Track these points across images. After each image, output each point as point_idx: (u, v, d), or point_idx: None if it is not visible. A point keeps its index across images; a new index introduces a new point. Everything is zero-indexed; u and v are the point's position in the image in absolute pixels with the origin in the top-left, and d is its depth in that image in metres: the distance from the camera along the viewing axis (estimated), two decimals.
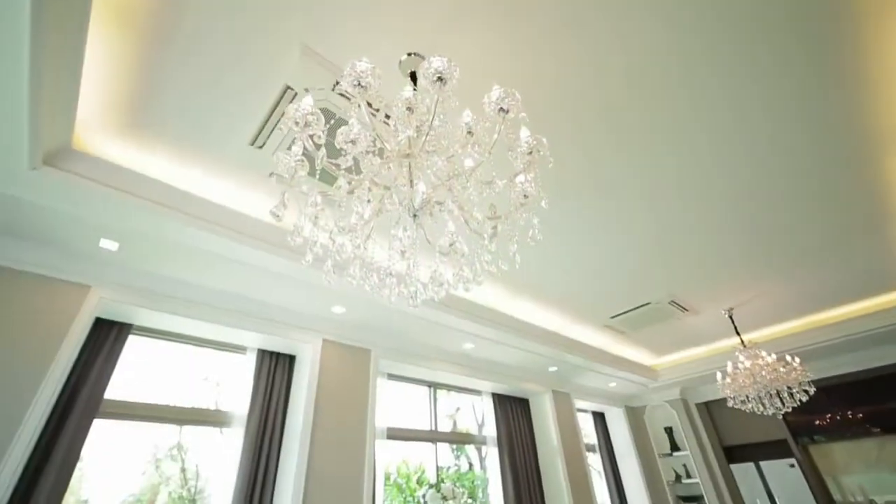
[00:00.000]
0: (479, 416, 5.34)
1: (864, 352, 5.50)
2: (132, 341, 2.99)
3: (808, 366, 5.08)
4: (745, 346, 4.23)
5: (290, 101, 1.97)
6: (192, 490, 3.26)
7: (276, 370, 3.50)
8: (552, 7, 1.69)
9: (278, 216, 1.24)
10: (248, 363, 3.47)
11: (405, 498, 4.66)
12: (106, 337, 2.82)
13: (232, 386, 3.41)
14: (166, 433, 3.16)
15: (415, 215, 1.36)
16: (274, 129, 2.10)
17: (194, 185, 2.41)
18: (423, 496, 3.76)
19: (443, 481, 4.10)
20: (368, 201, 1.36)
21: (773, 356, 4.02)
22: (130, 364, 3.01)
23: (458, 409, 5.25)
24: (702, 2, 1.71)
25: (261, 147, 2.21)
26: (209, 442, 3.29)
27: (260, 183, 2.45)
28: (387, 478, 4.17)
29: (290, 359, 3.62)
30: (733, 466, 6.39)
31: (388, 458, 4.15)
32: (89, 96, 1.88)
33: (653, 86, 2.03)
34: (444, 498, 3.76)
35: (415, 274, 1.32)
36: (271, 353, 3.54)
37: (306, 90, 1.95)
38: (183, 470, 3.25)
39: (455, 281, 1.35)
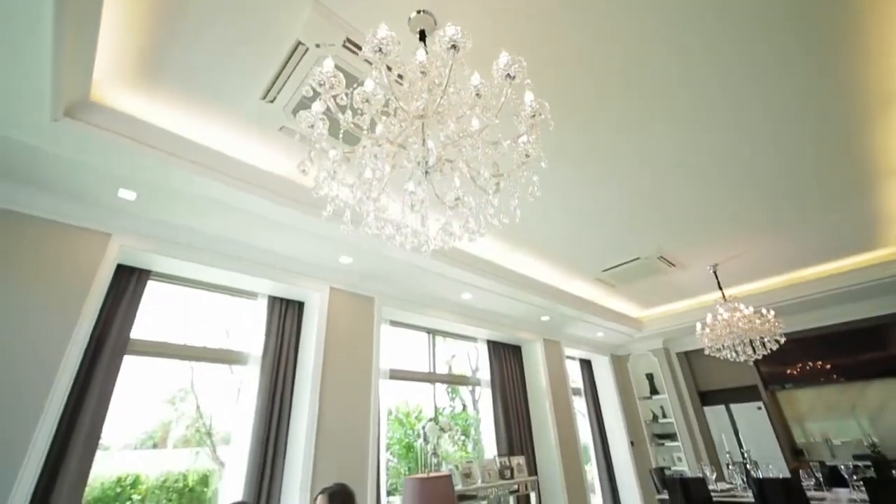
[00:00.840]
0: (472, 362, 5.72)
1: (835, 308, 5.86)
2: (151, 286, 3.18)
3: (784, 319, 5.43)
4: (725, 300, 4.52)
5: (302, 57, 2.02)
6: (207, 425, 3.58)
7: (286, 315, 3.74)
8: None
9: (305, 171, 1.37)
10: (260, 308, 3.70)
11: (405, 431, 5.13)
12: (128, 282, 3.01)
13: (245, 329, 3.65)
14: (182, 373, 3.43)
15: (426, 172, 1.50)
16: (285, 83, 2.16)
17: (207, 138, 2.49)
18: (423, 427, 4.16)
19: (441, 415, 4.51)
20: (380, 157, 1.48)
21: (751, 309, 4.32)
22: (151, 308, 3.22)
23: (453, 355, 5.61)
24: None
25: (272, 101, 2.27)
26: (222, 380, 3.59)
27: (270, 136, 2.53)
28: (389, 414, 4.58)
29: (300, 305, 3.86)
30: (706, 408, 6.96)
31: (391, 397, 4.53)
32: (105, 50, 1.93)
33: (648, 50, 2.09)
34: (442, 430, 4.17)
35: (426, 226, 1.48)
36: (281, 300, 3.76)
37: (317, 45, 2.02)
38: (198, 407, 3.56)
39: (462, 232, 1.51)
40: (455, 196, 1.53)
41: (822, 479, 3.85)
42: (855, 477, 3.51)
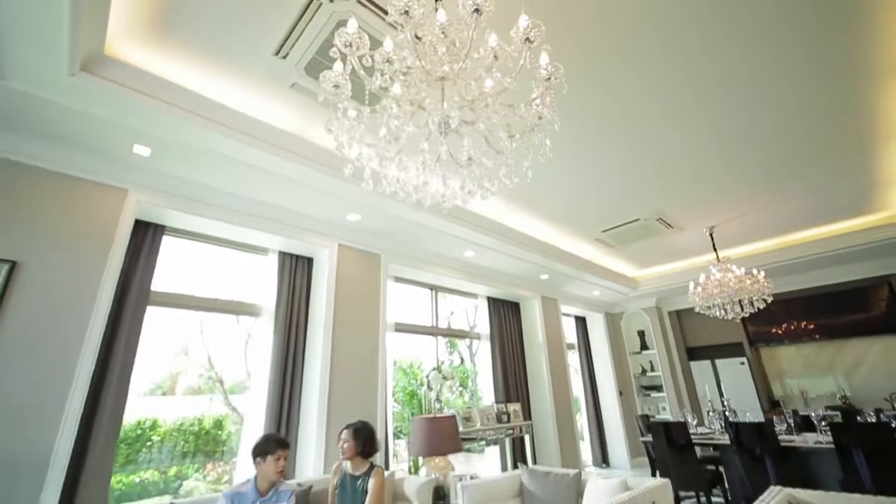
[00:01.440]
0: (470, 319, 5.98)
1: (823, 270, 6.07)
2: (166, 241, 3.29)
3: (773, 281, 5.64)
4: (719, 261, 4.68)
5: (315, 13, 2.02)
6: (218, 374, 3.79)
7: (296, 271, 3.89)
8: None
9: (330, 130, 1.44)
10: (271, 264, 3.83)
11: (409, 380, 5.46)
12: (144, 236, 3.11)
13: (258, 284, 3.80)
14: (191, 325, 3.58)
15: (444, 133, 1.57)
16: (298, 39, 2.16)
17: (220, 94, 2.51)
18: (427, 376, 4.44)
19: (442, 366, 4.79)
20: (401, 117, 1.55)
21: (742, 270, 4.49)
22: (167, 262, 3.34)
23: (452, 312, 5.85)
24: None
25: (284, 57, 2.28)
26: (229, 331, 3.77)
27: (282, 93, 2.55)
28: (394, 364, 4.86)
29: (309, 261, 3.99)
30: (692, 363, 7.35)
31: (394, 350, 4.78)
32: (119, 3, 1.92)
33: (651, 17, 2.09)
34: (445, 378, 4.45)
35: (447, 185, 1.57)
36: (291, 256, 3.89)
37: (331, 0, 2.01)
38: (209, 358, 3.75)
39: (476, 190, 1.61)
40: (468, 156, 1.62)
41: (793, 425, 4.19)
42: (823, 423, 3.83)
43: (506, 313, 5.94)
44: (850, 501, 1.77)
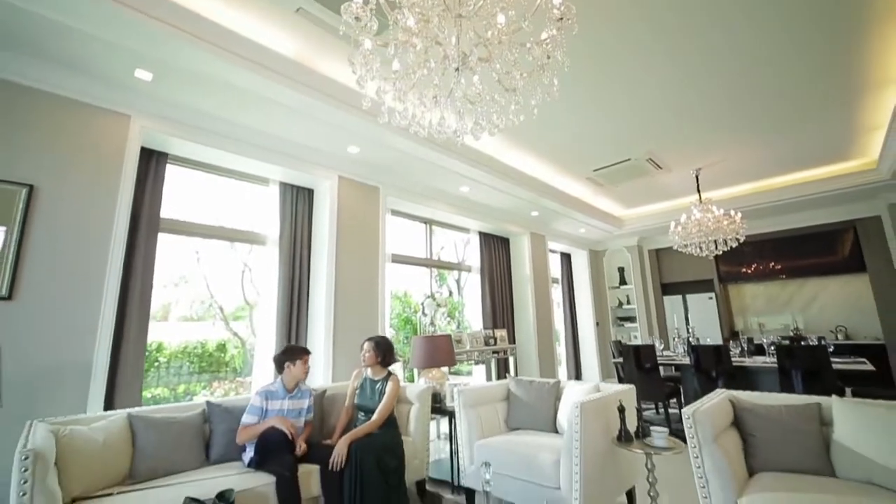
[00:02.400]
0: (459, 253, 6.25)
1: (795, 214, 6.42)
2: (170, 170, 3.32)
3: (748, 223, 5.97)
4: (701, 202, 4.93)
5: None
6: (217, 300, 3.99)
7: (297, 202, 4.00)
8: None
9: (353, 63, 1.52)
10: (273, 194, 3.93)
11: (403, 308, 5.83)
12: (149, 163, 3.15)
13: (260, 213, 3.92)
14: (187, 253, 3.67)
15: (457, 69, 1.66)
16: None
17: (221, 16, 2.45)
18: (422, 303, 4.78)
19: (435, 293, 5.13)
20: (418, 52, 1.62)
21: (721, 211, 4.76)
22: (171, 191, 3.40)
23: (442, 247, 6.09)
24: None
25: None
26: (225, 260, 3.91)
27: (287, 18, 2.50)
28: (390, 293, 5.16)
29: (309, 192, 4.09)
30: (666, 297, 7.92)
31: (389, 281, 5.05)
32: None
33: None
34: (438, 305, 4.81)
35: (461, 117, 1.70)
36: (292, 186, 3.98)
37: None
38: (207, 286, 3.90)
39: (486, 126, 1.74)
40: (477, 91, 1.72)
41: (746, 349, 4.74)
42: (772, 347, 4.35)
43: (496, 247, 6.23)
44: (777, 399, 2.17)
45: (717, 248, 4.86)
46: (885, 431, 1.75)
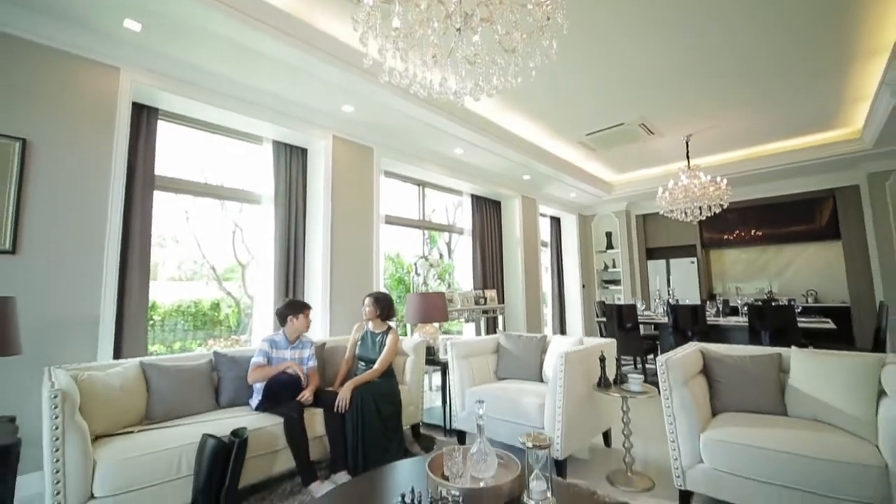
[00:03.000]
0: (450, 216, 6.32)
1: (779, 182, 6.58)
2: (162, 126, 3.28)
3: (733, 190, 6.12)
4: (689, 168, 5.03)
5: None
6: (209, 260, 4.01)
7: (291, 161, 3.99)
8: None
9: (356, 20, 1.54)
10: (266, 153, 3.91)
11: (396, 268, 5.96)
12: (139, 118, 3.10)
13: (254, 172, 3.91)
14: (177, 212, 3.66)
15: (459, 29, 1.68)
16: None
17: None
18: (415, 263, 4.91)
19: (428, 254, 5.25)
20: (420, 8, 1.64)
21: (708, 177, 4.88)
22: (166, 149, 3.37)
23: (433, 210, 6.15)
24: None
25: None
26: (215, 219, 3.92)
27: None
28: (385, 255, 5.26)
29: (303, 151, 4.08)
30: (650, 262, 8.19)
31: (384, 241, 5.13)
32: None
33: None
34: (431, 265, 4.94)
35: (462, 77, 1.74)
36: (286, 145, 3.96)
37: None
38: (198, 245, 3.92)
39: (485, 87, 1.79)
40: (474, 52, 1.76)
41: (721, 309, 5.02)
42: (745, 308, 4.62)
43: (487, 210, 6.32)
44: (743, 350, 2.38)
45: (701, 213, 5.02)
46: (830, 376, 1.97)
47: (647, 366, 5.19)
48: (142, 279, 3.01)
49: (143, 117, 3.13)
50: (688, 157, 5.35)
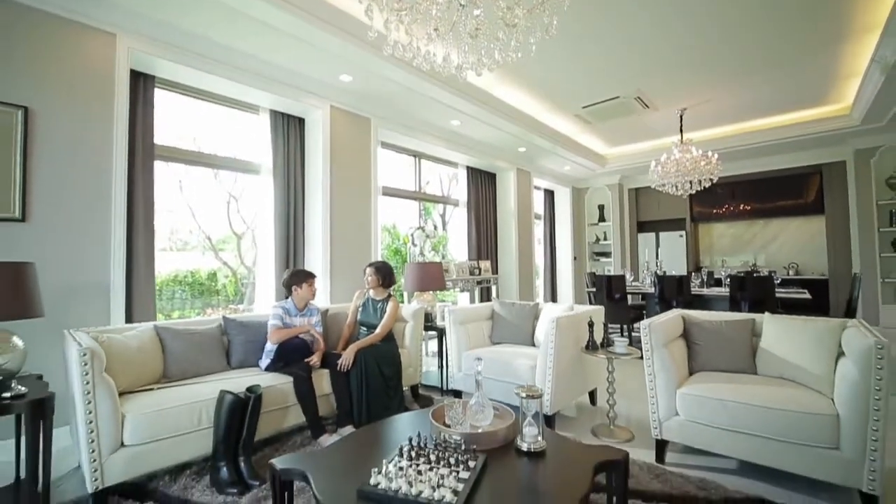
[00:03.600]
0: (444, 188, 6.38)
1: (769, 157, 6.70)
2: (159, 95, 3.26)
3: (725, 165, 6.24)
4: (682, 143, 5.11)
5: None
6: (205, 231, 4.04)
7: (288, 130, 4.00)
8: None
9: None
10: (263, 123, 3.90)
11: (392, 239, 6.06)
12: (136, 85, 3.08)
13: (252, 142, 3.92)
14: (175, 181, 3.67)
15: (462, 5, 1.73)
16: None
17: None
18: (412, 234, 5.01)
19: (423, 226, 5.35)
20: None
21: (700, 152, 4.98)
22: (163, 119, 3.35)
23: (427, 182, 6.19)
24: None
25: None
26: (207, 188, 3.95)
27: None
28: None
29: (300, 121, 4.08)
30: (640, 234, 8.38)
31: (378, 213, 5.20)
32: None
33: None
34: (427, 236, 5.05)
35: (465, 51, 1.79)
36: (283, 115, 3.95)
37: None
38: (193, 215, 3.95)
39: (487, 62, 1.85)
40: (475, 26, 1.81)
41: (705, 281, 5.24)
42: (729, 280, 4.83)
43: (483, 182, 6.38)
44: (721, 316, 2.56)
45: (691, 187, 5.15)
46: (797, 339, 2.16)
47: (633, 334, 5.45)
48: (147, 247, 3.08)
49: (140, 85, 3.11)
50: (681, 132, 5.42)
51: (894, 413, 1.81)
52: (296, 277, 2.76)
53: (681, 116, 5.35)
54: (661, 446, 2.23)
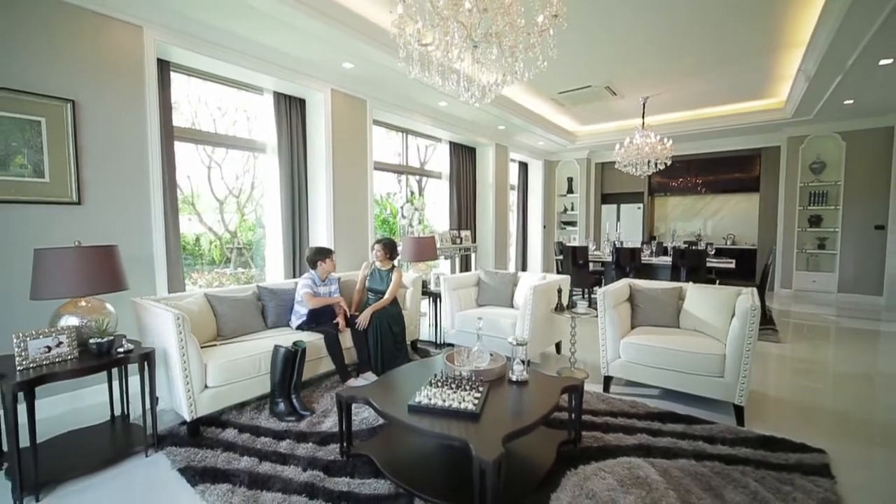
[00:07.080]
0: (422, 155, 6.77)
1: (719, 139, 7.49)
2: (174, 78, 3.49)
3: (680, 145, 6.99)
4: (643, 128, 5.76)
5: None
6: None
7: (291, 111, 4.30)
8: None
9: (392, 12, 2.02)
10: (267, 103, 4.19)
11: (381, 210, 6.51)
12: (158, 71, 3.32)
13: (256, 121, 4.21)
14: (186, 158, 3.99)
15: (475, 46, 2.20)
16: None
17: None
18: (402, 207, 5.50)
19: (412, 195, 5.84)
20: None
21: (657, 137, 5.64)
22: (176, 99, 3.60)
23: (404, 149, 6.56)
24: None
25: None
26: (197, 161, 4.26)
27: None
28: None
29: (301, 102, 4.38)
30: (604, 206, 9.19)
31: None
32: None
33: None
34: (416, 209, 5.56)
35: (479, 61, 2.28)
36: (285, 96, 4.24)
37: None
38: (190, 185, 4.17)
39: (502, 82, 2.35)
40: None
41: (654, 251, 6.09)
42: (672, 251, 5.68)
43: (464, 156, 6.86)
44: (658, 285, 3.32)
45: (648, 168, 5.86)
46: (707, 301, 2.94)
47: (593, 296, 6.30)
48: (174, 221, 3.45)
49: (159, 71, 3.35)
50: (643, 116, 6.06)
51: (758, 354, 2.62)
52: (320, 254, 3.25)
53: (644, 103, 5.95)
54: (607, 381, 3.01)
